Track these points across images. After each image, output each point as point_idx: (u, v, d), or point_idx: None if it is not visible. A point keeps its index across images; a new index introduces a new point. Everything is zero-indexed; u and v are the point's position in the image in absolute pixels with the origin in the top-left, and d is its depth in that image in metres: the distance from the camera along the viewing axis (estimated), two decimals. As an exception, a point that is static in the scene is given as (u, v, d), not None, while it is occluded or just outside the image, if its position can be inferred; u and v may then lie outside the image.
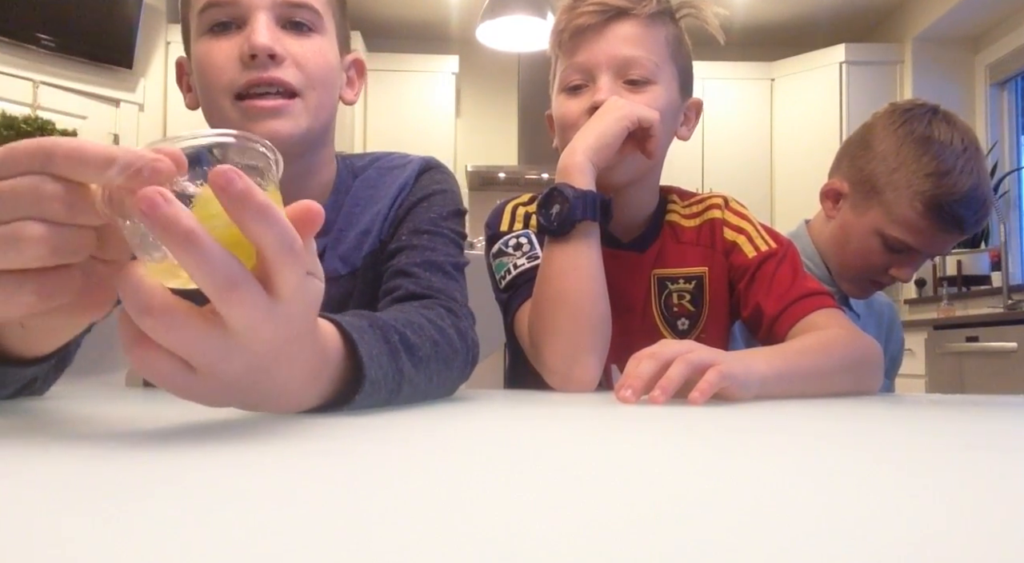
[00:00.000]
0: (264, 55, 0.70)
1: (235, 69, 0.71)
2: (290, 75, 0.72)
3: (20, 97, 3.45)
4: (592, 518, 0.21)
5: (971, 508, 0.24)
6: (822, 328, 0.83)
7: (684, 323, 0.94)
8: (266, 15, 0.71)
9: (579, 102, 0.89)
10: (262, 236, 0.34)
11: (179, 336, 0.35)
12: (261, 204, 0.33)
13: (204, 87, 0.74)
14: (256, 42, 0.69)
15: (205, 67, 0.73)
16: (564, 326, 0.80)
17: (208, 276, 0.33)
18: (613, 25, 0.88)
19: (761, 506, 0.24)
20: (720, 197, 0.99)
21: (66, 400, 0.58)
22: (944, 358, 3.04)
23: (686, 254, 0.94)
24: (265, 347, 0.37)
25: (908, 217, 1.09)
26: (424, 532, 0.20)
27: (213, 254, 0.33)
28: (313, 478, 0.28)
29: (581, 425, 0.49)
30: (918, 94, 4.16)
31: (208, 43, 0.73)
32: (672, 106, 0.91)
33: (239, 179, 0.33)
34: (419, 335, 0.58)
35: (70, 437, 0.38)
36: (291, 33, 0.73)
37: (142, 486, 0.26)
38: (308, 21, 0.74)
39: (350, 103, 0.84)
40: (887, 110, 1.16)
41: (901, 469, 0.32)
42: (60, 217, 0.36)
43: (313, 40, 0.74)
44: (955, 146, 1.08)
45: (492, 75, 4.80)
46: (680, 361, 0.62)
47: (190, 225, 0.32)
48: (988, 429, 0.49)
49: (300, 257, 0.36)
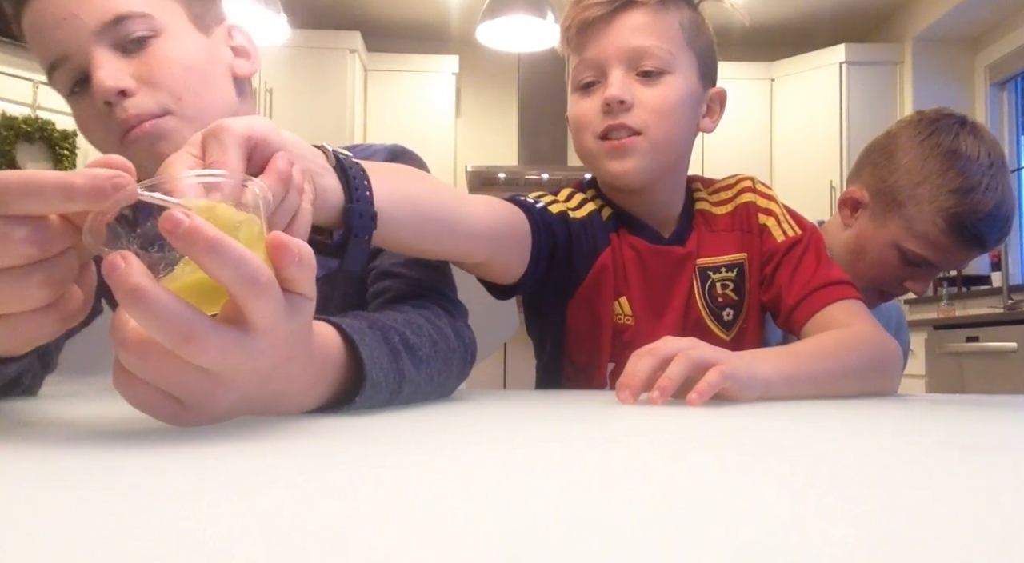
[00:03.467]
0: (113, 96, 0.66)
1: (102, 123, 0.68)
2: (148, 101, 0.67)
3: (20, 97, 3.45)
4: (591, 518, 0.21)
5: (971, 508, 0.24)
6: (841, 323, 0.81)
7: (729, 313, 0.90)
8: (101, 51, 0.66)
9: (591, 101, 0.86)
10: (220, 272, 0.34)
11: (159, 374, 0.35)
12: (211, 240, 0.33)
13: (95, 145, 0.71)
14: (96, 88, 0.65)
15: (83, 129, 0.71)
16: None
17: (159, 330, 0.33)
18: (621, 15, 0.85)
19: (760, 506, 0.24)
20: (748, 179, 0.97)
21: (65, 400, 0.58)
22: (944, 358, 3.04)
23: (723, 241, 0.92)
24: (252, 378, 0.38)
25: (929, 232, 1.06)
26: (424, 532, 0.20)
27: (161, 309, 0.33)
28: (313, 478, 0.28)
29: (581, 425, 0.49)
30: (918, 94, 4.17)
31: (74, 107, 0.70)
32: (692, 96, 0.87)
33: (186, 219, 0.32)
34: (419, 335, 0.58)
35: (69, 437, 0.38)
36: (133, 52, 0.68)
37: (141, 486, 0.26)
38: (143, 30, 0.68)
39: (248, 74, 0.78)
40: (913, 119, 1.12)
41: (901, 469, 0.32)
42: (35, 258, 0.36)
43: (155, 48, 0.68)
44: (981, 161, 1.04)
45: (492, 75, 4.80)
46: (680, 358, 0.61)
47: (136, 283, 0.32)
48: (988, 429, 0.49)
49: (267, 288, 0.35)
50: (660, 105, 0.84)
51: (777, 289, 0.88)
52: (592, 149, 0.87)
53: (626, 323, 0.89)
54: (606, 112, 0.84)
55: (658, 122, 0.84)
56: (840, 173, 4.23)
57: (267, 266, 0.36)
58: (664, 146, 0.85)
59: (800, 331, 0.85)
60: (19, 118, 3.43)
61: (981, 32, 4.09)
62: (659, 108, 0.84)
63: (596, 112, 0.85)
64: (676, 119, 0.85)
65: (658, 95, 0.84)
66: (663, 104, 0.84)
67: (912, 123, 1.12)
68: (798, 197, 4.34)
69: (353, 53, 4.31)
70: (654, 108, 0.84)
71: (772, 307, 0.90)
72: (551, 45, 3.10)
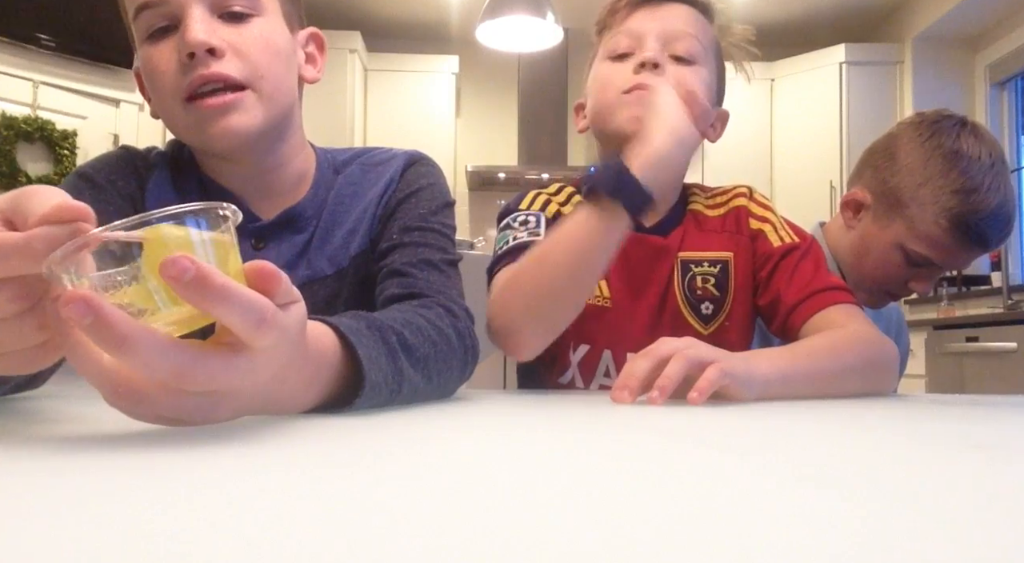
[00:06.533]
0: (201, 51, 0.66)
1: (177, 71, 0.67)
2: (233, 68, 0.67)
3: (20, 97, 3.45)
4: (591, 518, 0.21)
5: (971, 508, 0.24)
6: (838, 325, 0.81)
7: (708, 307, 0.91)
8: (199, 8, 0.67)
9: (624, 66, 0.88)
10: (228, 318, 0.34)
11: (155, 411, 0.35)
12: (221, 289, 0.32)
13: (155, 95, 0.71)
14: (190, 39, 0.65)
15: (150, 74, 0.70)
16: (527, 283, 0.77)
17: (152, 372, 0.33)
18: (669, 3, 0.90)
19: (760, 506, 0.24)
20: (745, 187, 0.98)
21: (65, 400, 0.58)
22: (944, 358, 3.04)
23: (710, 239, 0.93)
24: (252, 389, 0.38)
25: (932, 233, 1.06)
26: (423, 532, 0.20)
27: (151, 352, 0.32)
28: (312, 478, 0.28)
29: (581, 425, 0.49)
30: (918, 94, 4.17)
31: (149, 49, 0.69)
32: (709, 94, 0.89)
33: (191, 267, 0.31)
34: (418, 335, 0.57)
35: (69, 437, 0.38)
36: (229, 22, 0.69)
37: (141, 486, 0.26)
38: (245, 6, 0.69)
39: (312, 81, 0.79)
40: (914, 120, 1.13)
41: (901, 469, 0.32)
42: (17, 311, 0.36)
43: (253, 25, 0.70)
44: (983, 161, 1.05)
45: (492, 75, 4.80)
46: (678, 357, 0.61)
47: (124, 332, 0.32)
48: (988, 429, 0.49)
49: (272, 323, 0.35)
50: (686, 86, 0.84)
51: (774, 292, 0.89)
52: (613, 102, 0.88)
53: (603, 305, 0.90)
54: (637, 72, 0.86)
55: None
56: (840, 173, 4.23)
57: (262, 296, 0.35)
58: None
59: (798, 334, 0.85)
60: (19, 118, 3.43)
61: (981, 32, 4.09)
62: (685, 88, 0.84)
63: (627, 73, 0.87)
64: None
65: (687, 74, 0.87)
66: (689, 86, 0.84)
67: (913, 125, 1.12)
68: (798, 197, 4.36)
69: (353, 53, 4.31)
70: (682, 82, 0.85)
71: (768, 312, 0.91)
72: (551, 45, 3.11)
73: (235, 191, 0.76)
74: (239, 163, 0.75)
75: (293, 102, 0.76)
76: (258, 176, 0.77)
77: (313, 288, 0.77)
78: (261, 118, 0.70)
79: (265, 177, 0.77)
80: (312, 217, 0.79)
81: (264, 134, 0.71)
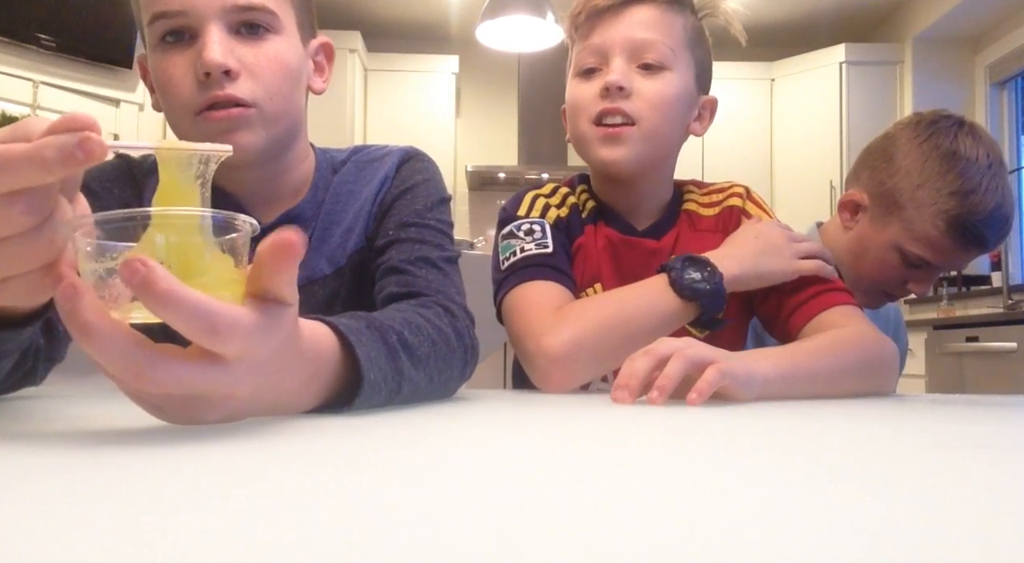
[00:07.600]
0: (218, 73, 0.67)
1: (192, 87, 0.68)
2: (245, 89, 0.68)
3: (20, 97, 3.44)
4: (592, 518, 0.21)
5: (972, 508, 0.24)
6: (838, 326, 0.81)
7: None
8: (217, 27, 0.67)
9: (591, 85, 0.88)
10: (175, 324, 0.34)
11: (144, 394, 0.36)
12: (163, 293, 0.32)
13: (164, 101, 0.72)
14: (208, 60, 0.66)
15: (163, 83, 0.70)
16: (591, 331, 0.78)
17: (112, 369, 0.34)
18: (630, 8, 0.88)
19: (759, 507, 0.24)
20: (741, 187, 0.98)
21: (65, 400, 0.58)
22: (944, 358, 3.04)
23: (705, 241, 0.93)
24: (246, 393, 0.38)
25: (930, 234, 1.06)
26: (423, 532, 0.20)
27: (106, 348, 0.33)
28: (312, 478, 0.28)
29: (581, 425, 0.49)
30: (918, 94, 4.17)
31: (163, 57, 0.69)
32: (687, 95, 0.89)
33: (142, 269, 0.32)
34: (417, 335, 0.57)
35: (69, 437, 0.38)
36: (246, 39, 0.70)
37: (141, 486, 0.26)
38: (264, 23, 0.70)
39: (319, 92, 0.80)
40: (911, 121, 1.12)
41: (900, 469, 0.32)
42: (31, 225, 0.36)
43: (269, 44, 0.71)
44: (980, 163, 1.04)
45: (492, 75, 4.80)
46: (678, 357, 0.61)
47: (85, 320, 0.33)
48: (988, 429, 0.49)
49: (227, 334, 0.35)
50: (656, 98, 0.86)
51: (774, 295, 0.89)
52: (586, 134, 0.89)
53: None
54: (604, 96, 0.86)
55: (652, 114, 0.86)
56: (840, 173, 4.23)
57: (233, 305, 0.35)
58: (656, 138, 0.87)
59: (798, 335, 0.85)
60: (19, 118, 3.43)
61: (981, 32, 4.09)
62: (655, 100, 0.86)
63: (594, 96, 0.87)
64: (670, 114, 0.87)
65: (655, 88, 0.86)
66: (659, 97, 0.86)
67: (910, 125, 1.12)
68: (798, 197, 4.36)
69: (353, 53, 4.31)
70: (650, 99, 0.86)
71: (768, 315, 0.90)
72: (551, 45, 3.11)
73: (236, 195, 0.77)
74: (242, 170, 0.75)
75: (299, 117, 0.77)
76: (261, 182, 0.77)
77: (313, 288, 0.77)
78: (264, 136, 0.71)
79: (268, 184, 0.77)
80: (311, 218, 0.79)
81: (267, 150, 0.72)
